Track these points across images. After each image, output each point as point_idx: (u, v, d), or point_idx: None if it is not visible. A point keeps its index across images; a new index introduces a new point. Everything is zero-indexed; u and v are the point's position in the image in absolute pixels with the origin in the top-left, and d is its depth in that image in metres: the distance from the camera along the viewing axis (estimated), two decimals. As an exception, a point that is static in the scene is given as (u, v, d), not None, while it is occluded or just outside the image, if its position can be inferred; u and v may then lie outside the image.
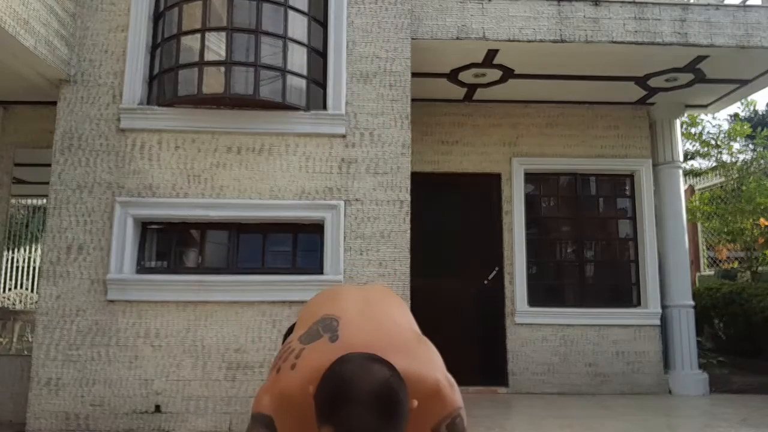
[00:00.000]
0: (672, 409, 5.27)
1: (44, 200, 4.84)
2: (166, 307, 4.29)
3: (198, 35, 4.45)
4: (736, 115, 15.11)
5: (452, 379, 1.38)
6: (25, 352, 4.89)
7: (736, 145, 8.75)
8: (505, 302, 6.03)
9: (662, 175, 6.28)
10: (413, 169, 4.72)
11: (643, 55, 5.19)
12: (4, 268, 5.43)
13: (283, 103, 4.46)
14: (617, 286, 6.35)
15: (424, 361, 1.33)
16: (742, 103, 11.49)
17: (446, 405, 1.29)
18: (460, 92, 6.11)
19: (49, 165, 4.46)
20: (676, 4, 5.13)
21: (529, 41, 4.97)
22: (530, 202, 6.34)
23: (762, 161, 8.07)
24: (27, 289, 5.67)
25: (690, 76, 5.63)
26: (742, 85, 5.89)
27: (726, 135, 8.54)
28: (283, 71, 4.48)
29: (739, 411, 5.03)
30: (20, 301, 5.62)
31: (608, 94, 6.16)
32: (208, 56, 4.43)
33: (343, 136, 4.59)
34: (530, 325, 5.96)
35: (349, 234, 4.45)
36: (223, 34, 4.43)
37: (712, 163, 9.01)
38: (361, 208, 4.49)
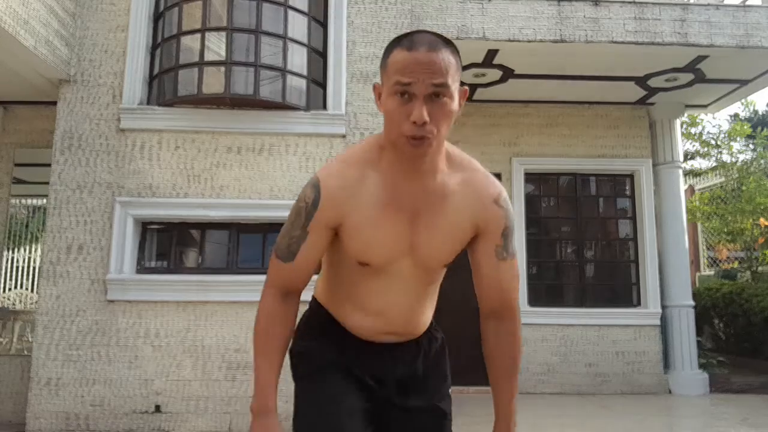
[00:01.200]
0: (672, 409, 5.27)
1: (44, 200, 4.84)
2: (166, 307, 4.29)
3: (198, 35, 4.45)
4: (736, 115, 15.12)
5: None
6: (25, 352, 4.89)
7: (736, 145, 8.76)
8: (505, 302, 6.03)
9: (662, 175, 6.28)
10: (413, 169, 4.71)
11: (643, 55, 5.19)
12: (4, 268, 5.43)
13: (283, 103, 4.46)
14: (617, 286, 6.35)
15: None
16: (742, 103, 11.50)
17: (505, 215, 1.29)
18: (460, 92, 6.11)
19: (49, 165, 4.46)
20: (676, 4, 5.13)
21: (529, 41, 4.97)
22: (530, 202, 6.35)
23: (762, 161, 8.07)
24: (27, 289, 5.67)
25: (690, 76, 5.63)
26: (742, 85, 5.89)
27: (726, 135, 8.54)
28: (283, 71, 4.48)
29: (739, 411, 5.03)
30: (20, 301, 5.62)
31: (608, 94, 6.16)
32: (208, 56, 4.43)
33: (343, 136, 4.59)
34: (530, 325, 5.95)
35: (349, 234, 4.45)
36: (223, 34, 4.43)
37: (712, 163, 9.02)
38: (361, 208, 4.49)
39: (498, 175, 6.23)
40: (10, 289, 5.61)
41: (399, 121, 1.14)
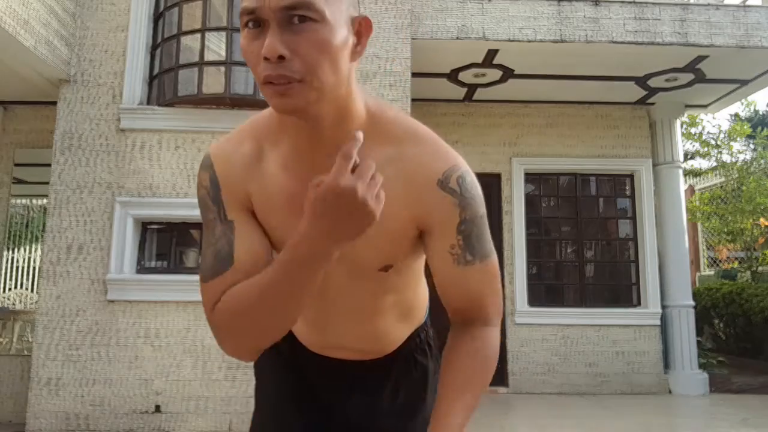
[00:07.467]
0: (672, 409, 5.27)
1: (44, 200, 4.84)
2: (166, 307, 4.29)
3: (198, 35, 4.46)
4: (736, 115, 15.13)
5: None
6: (25, 352, 4.88)
7: (736, 145, 8.76)
8: (505, 302, 6.03)
9: (662, 175, 6.28)
10: (413, 169, 4.71)
11: (643, 55, 5.19)
12: (4, 268, 5.43)
13: (283, 103, 4.45)
14: (617, 286, 6.35)
15: None
16: (742, 103, 11.50)
17: (459, 203, 0.99)
18: (460, 92, 6.11)
19: (49, 165, 4.46)
20: (676, 4, 5.13)
21: (529, 41, 4.97)
22: (530, 202, 6.34)
23: (762, 161, 8.08)
24: (27, 289, 5.67)
25: (690, 76, 5.63)
26: (742, 85, 5.89)
27: (726, 135, 8.55)
28: (283, 71, 4.48)
29: (739, 411, 5.03)
30: (20, 301, 5.62)
31: (608, 94, 6.16)
32: (208, 56, 4.43)
33: (343, 136, 4.58)
34: (530, 325, 5.96)
35: (349, 234, 4.44)
36: (223, 34, 4.44)
37: (712, 163, 9.02)
38: (361, 208, 4.49)
39: (498, 175, 6.25)
40: (10, 289, 5.61)
41: (253, 63, 0.81)
